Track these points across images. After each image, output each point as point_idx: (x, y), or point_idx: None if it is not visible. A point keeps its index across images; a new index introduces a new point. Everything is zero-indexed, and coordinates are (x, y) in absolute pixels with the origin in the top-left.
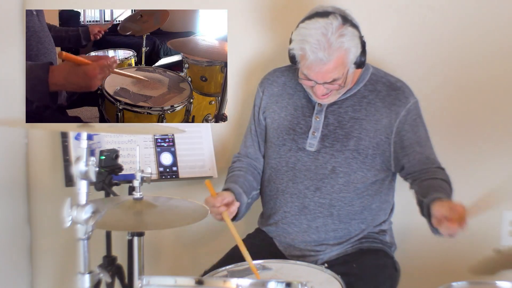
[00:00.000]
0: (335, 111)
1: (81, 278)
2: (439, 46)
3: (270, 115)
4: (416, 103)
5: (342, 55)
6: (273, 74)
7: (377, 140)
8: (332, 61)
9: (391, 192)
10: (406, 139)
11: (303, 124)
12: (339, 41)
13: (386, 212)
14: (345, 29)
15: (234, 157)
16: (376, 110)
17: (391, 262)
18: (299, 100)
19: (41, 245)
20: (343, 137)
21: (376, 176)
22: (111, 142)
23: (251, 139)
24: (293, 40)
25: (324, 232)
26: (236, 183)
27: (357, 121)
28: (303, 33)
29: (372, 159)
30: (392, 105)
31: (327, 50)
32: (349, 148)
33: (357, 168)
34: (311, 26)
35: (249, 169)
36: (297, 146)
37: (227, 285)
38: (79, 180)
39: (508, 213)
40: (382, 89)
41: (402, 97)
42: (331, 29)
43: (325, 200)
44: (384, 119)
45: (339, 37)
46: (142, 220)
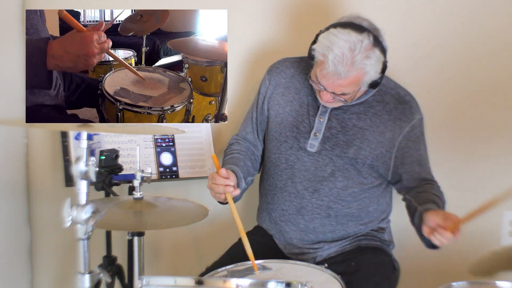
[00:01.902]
0: (339, 115)
1: (81, 278)
2: (440, 47)
3: (274, 107)
4: (421, 119)
5: (360, 75)
6: (283, 63)
7: (378, 152)
8: (348, 78)
9: (389, 194)
10: (408, 156)
11: (306, 123)
12: (363, 62)
13: (384, 213)
14: (372, 52)
15: (233, 138)
16: (381, 122)
17: (389, 260)
18: (305, 97)
19: (41, 245)
20: (344, 143)
21: (373, 183)
22: (111, 142)
23: (251, 126)
24: (318, 41)
25: (322, 233)
26: (237, 166)
27: (360, 130)
28: (331, 40)
29: (369, 169)
30: (398, 119)
31: (348, 67)
32: (348, 156)
33: (354, 175)
34: (342, 36)
35: (247, 153)
36: (299, 145)
37: (227, 285)
38: (79, 180)
39: (508, 213)
40: (390, 101)
41: (409, 112)
42: (360, 47)
43: (323, 202)
44: (388, 132)
45: (364, 59)
46: (142, 220)
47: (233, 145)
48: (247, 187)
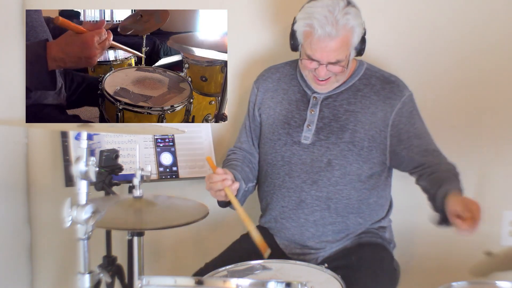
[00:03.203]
0: (330, 104)
1: (81, 278)
2: (435, 43)
3: (265, 110)
4: (410, 95)
5: (347, 34)
6: (268, 71)
7: (373, 133)
8: (339, 38)
9: (388, 188)
10: (404, 132)
11: (297, 117)
12: (345, 18)
13: (384, 209)
14: (349, 9)
15: (229, 150)
16: (371, 103)
17: (390, 256)
18: (294, 95)
19: (41, 245)
20: (338, 129)
21: (371, 170)
22: (111, 142)
23: (245, 134)
24: (297, 19)
25: (322, 226)
26: (234, 169)
27: (352, 113)
28: (309, 11)
29: (368, 152)
30: (387, 98)
31: (335, 26)
32: (344, 141)
33: (353, 160)
34: (317, 4)
35: (244, 161)
36: (292, 140)
37: (227, 285)
38: (79, 180)
39: (508, 213)
40: (376, 83)
41: (397, 90)
42: (338, 8)
43: (322, 193)
44: (380, 112)
45: (345, 15)
46: (142, 218)
47: (230, 156)
48: (248, 193)
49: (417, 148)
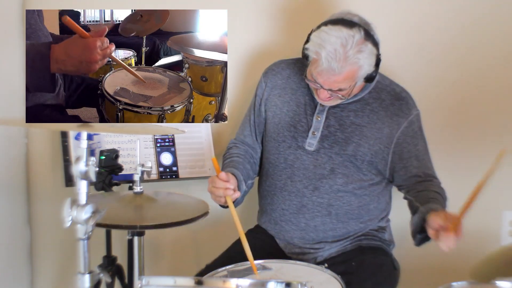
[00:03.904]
0: (337, 113)
1: (81, 278)
2: (435, 47)
3: (271, 108)
4: (418, 115)
5: (354, 69)
6: (279, 65)
7: (376, 149)
8: (343, 74)
9: (389, 194)
10: (406, 152)
11: (304, 122)
12: (356, 57)
13: (384, 211)
14: (364, 46)
15: (231, 143)
16: (378, 118)
17: (390, 260)
18: (302, 97)
19: (41, 245)
20: (342, 140)
21: (372, 180)
22: (111, 142)
23: (249, 129)
24: (311, 40)
25: (323, 232)
26: (237, 169)
27: (358, 127)
28: (323, 37)
29: (368, 165)
30: (395, 115)
31: (341, 62)
32: (347, 153)
33: (354, 172)
34: (333, 33)
35: (246, 157)
36: (297, 144)
37: (227, 285)
38: (79, 180)
39: (508, 213)
40: (386, 98)
41: (405, 108)
42: (351, 43)
43: (323, 200)
44: (386, 128)
45: (357, 53)
46: (142, 214)
47: (232, 149)
48: (248, 190)
49: (415, 169)
